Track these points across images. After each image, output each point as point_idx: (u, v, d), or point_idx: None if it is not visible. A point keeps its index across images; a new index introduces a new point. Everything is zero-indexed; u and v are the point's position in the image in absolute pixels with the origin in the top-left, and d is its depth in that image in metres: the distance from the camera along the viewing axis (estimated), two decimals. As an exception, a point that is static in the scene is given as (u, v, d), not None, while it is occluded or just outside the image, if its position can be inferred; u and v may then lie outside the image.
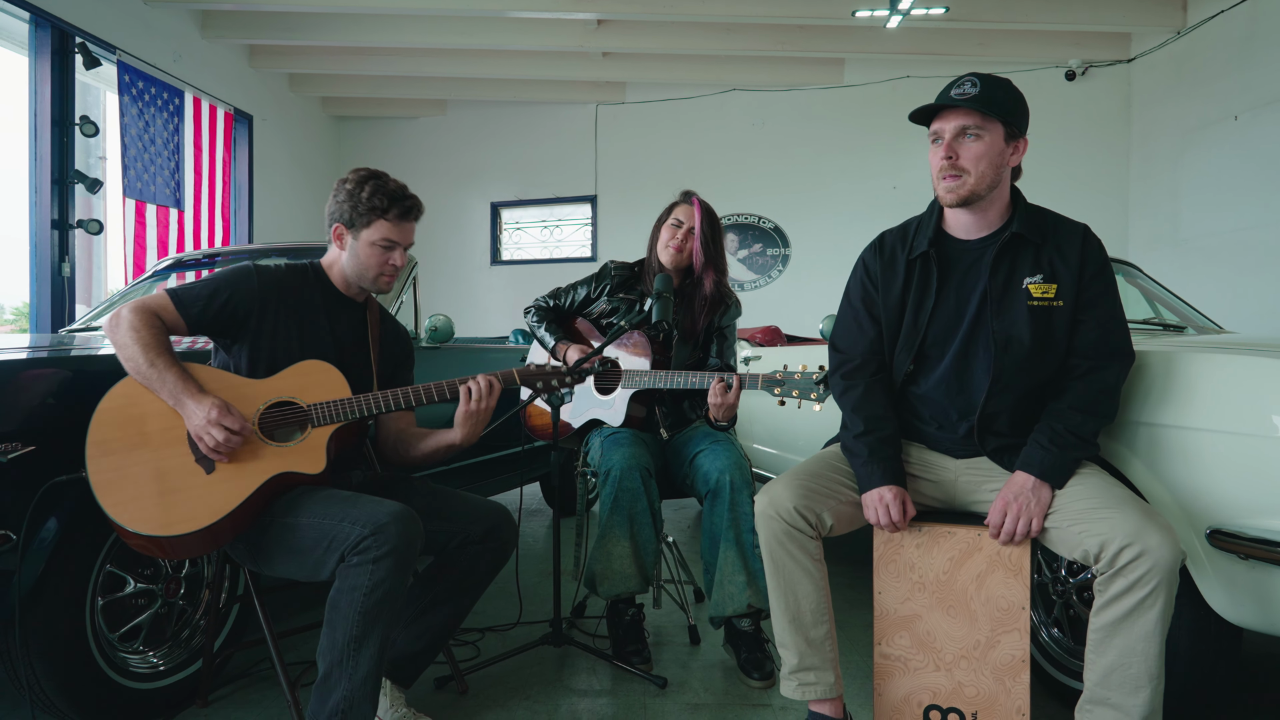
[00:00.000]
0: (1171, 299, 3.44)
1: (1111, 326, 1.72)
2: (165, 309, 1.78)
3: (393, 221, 1.91)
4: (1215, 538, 1.64)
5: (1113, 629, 1.55)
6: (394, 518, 1.64)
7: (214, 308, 1.81)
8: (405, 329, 2.19)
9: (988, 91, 1.67)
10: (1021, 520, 1.64)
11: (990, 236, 1.78)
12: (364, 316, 2.03)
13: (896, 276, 1.85)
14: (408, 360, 2.15)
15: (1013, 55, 6.13)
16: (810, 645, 1.75)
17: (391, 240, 1.92)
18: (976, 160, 1.69)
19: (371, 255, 1.92)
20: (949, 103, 1.69)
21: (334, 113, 7.98)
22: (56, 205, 4.65)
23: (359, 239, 1.91)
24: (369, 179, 1.90)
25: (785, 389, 2.15)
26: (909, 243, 1.86)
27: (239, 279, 1.85)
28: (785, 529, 1.72)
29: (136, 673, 1.97)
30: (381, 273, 1.94)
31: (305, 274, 1.97)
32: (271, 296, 1.87)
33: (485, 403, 1.91)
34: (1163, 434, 1.75)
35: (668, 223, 2.55)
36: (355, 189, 1.89)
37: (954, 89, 1.70)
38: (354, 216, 1.89)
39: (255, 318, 1.84)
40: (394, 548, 1.62)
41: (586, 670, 2.34)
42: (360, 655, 1.62)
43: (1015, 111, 1.70)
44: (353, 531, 1.63)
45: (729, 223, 7.13)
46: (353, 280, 1.97)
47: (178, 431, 1.72)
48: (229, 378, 1.81)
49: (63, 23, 4.67)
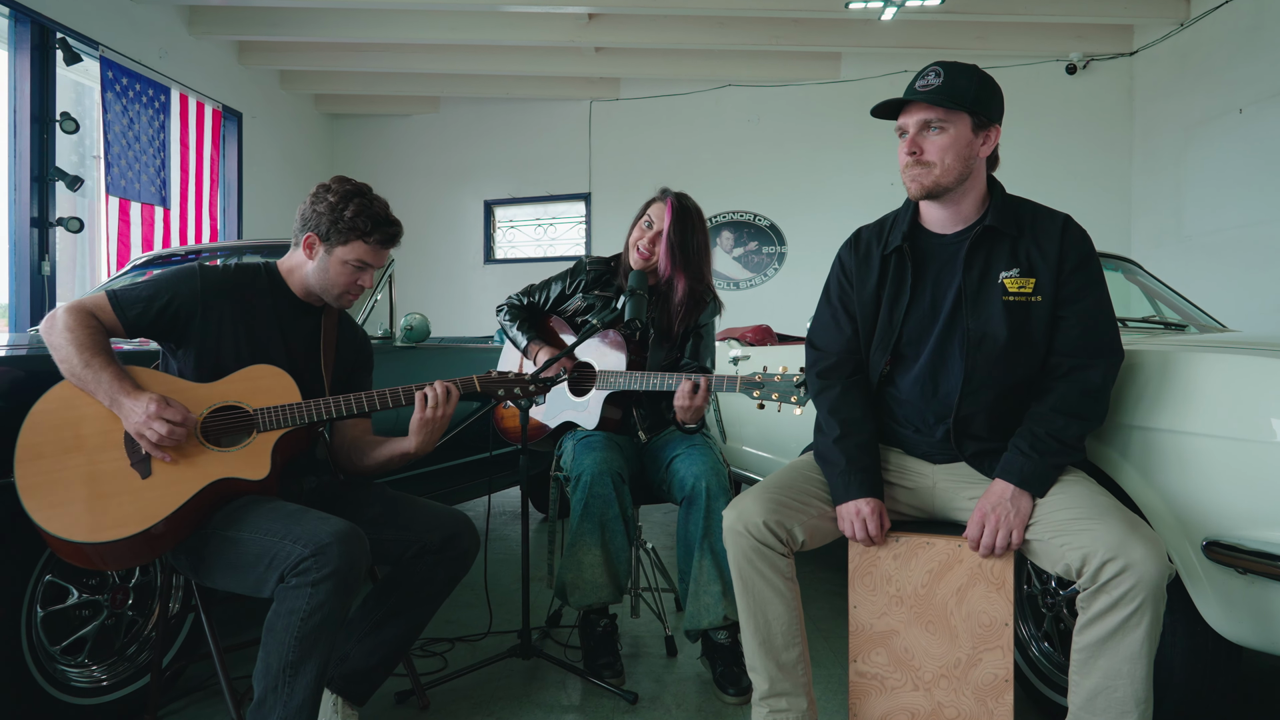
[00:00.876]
0: (1173, 296, 3.34)
1: (1096, 322, 1.62)
2: (102, 309, 1.69)
3: (372, 246, 1.83)
4: (1211, 550, 1.54)
5: (1096, 649, 1.46)
6: (336, 538, 1.55)
7: (154, 310, 1.72)
8: (365, 335, 2.10)
9: (951, 82, 1.60)
10: (1000, 532, 1.54)
11: (965, 230, 1.69)
12: (318, 323, 1.94)
13: (871, 272, 1.77)
14: (365, 367, 2.06)
15: (1012, 49, 6.02)
16: (781, 669, 1.65)
17: (366, 263, 1.84)
18: (941, 153, 1.61)
19: (342, 274, 1.84)
20: (911, 96, 1.62)
21: (327, 110, 7.90)
22: (36, 203, 4.57)
23: (332, 254, 1.82)
24: (354, 195, 1.81)
25: (764, 391, 2.06)
26: (884, 238, 1.78)
27: (181, 280, 1.77)
28: (754, 545, 1.61)
29: (77, 687, 1.88)
30: (347, 291, 1.86)
31: (257, 275, 1.87)
32: (217, 298, 1.78)
33: (442, 410, 1.82)
34: (1157, 439, 1.65)
35: (641, 221, 2.44)
36: (339, 203, 1.79)
37: (918, 80, 1.64)
38: (332, 231, 1.80)
39: (199, 320, 1.76)
40: (335, 570, 1.52)
41: (556, 684, 2.24)
42: (296, 682, 1.53)
43: (982, 100, 1.62)
44: (293, 551, 1.54)
45: (724, 220, 7.03)
46: (315, 291, 1.88)
47: (114, 435, 1.63)
48: (172, 381, 1.73)
49: (43, 18, 4.60)
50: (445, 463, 3.20)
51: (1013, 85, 6.30)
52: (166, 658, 2.06)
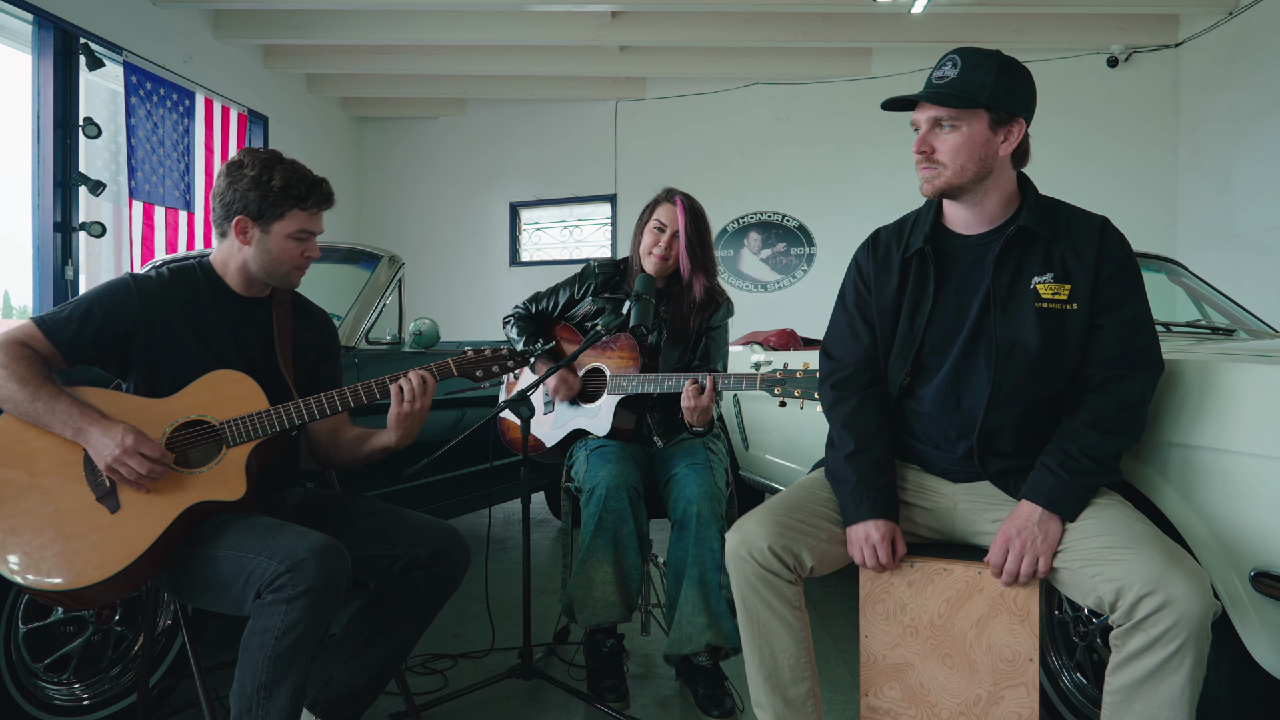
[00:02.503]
0: (1221, 300, 3.15)
1: (1134, 332, 1.49)
2: (34, 338, 1.58)
3: (310, 211, 1.73)
4: (1260, 581, 1.39)
5: (1132, 693, 1.32)
6: (313, 553, 1.46)
7: (90, 331, 1.61)
8: (325, 316, 1.97)
9: (968, 74, 1.46)
10: (1026, 559, 1.41)
11: (994, 231, 1.56)
12: (269, 316, 1.82)
13: (891, 277, 1.63)
14: (330, 352, 1.94)
15: (1050, 41, 5.80)
16: (789, 706, 1.52)
17: (309, 231, 1.73)
18: (954, 153, 1.48)
19: (286, 249, 1.72)
20: (921, 95, 1.50)
21: (354, 113, 7.91)
22: (59, 207, 4.60)
23: (270, 232, 1.71)
24: (274, 163, 1.70)
25: (786, 389, 1.98)
26: (905, 239, 1.64)
27: (114, 294, 1.65)
28: (759, 572, 1.50)
29: (58, 705, 1.82)
30: (296, 267, 1.76)
31: (194, 277, 1.76)
32: (157, 309, 1.67)
33: (420, 402, 1.73)
34: (1199, 457, 1.50)
35: (649, 225, 2.35)
36: (261, 175, 1.67)
37: (935, 71, 1.51)
38: (264, 207, 1.68)
39: (143, 334, 1.64)
40: (311, 586, 1.43)
41: (558, 706, 2.15)
42: (270, 705, 1.45)
43: (1001, 94, 1.47)
44: (269, 567, 1.46)
45: (751, 221, 6.89)
46: (259, 278, 1.77)
47: (72, 469, 1.54)
48: (126, 399, 1.63)
49: (66, 24, 4.62)
50: (447, 473, 3.13)
51: (1051, 80, 6.09)
52: (156, 675, 2.00)
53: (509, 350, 1.90)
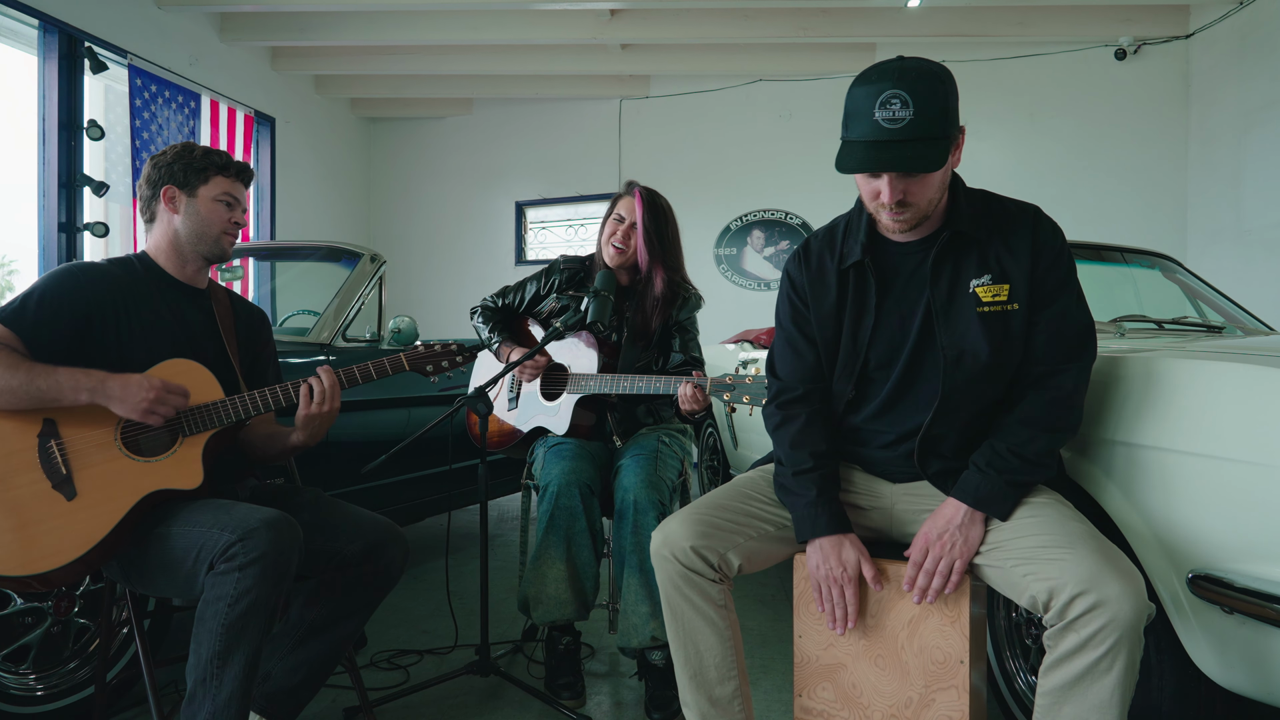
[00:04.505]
0: (1216, 296, 3.08)
1: (1069, 323, 1.45)
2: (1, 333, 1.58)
3: (231, 179, 1.80)
4: (1198, 584, 1.35)
5: (1063, 695, 1.29)
6: (265, 523, 1.49)
7: (47, 312, 1.60)
8: (260, 311, 2.01)
9: (923, 109, 1.32)
10: (943, 562, 1.38)
11: (930, 237, 1.50)
12: (210, 306, 1.85)
13: (828, 290, 1.57)
14: (268, 345, 1.98)
15: (1056, 34, 5.69)
16: (715, 705, 1.50)
17: (234, 196, 1.80)
18: (924, 191, 1.40)
19: (214, 212, 1.78)
20: (883, 165, 1.36)
21: (363, 114, 7.96)
22: (64, 208, 4.67)
23: (197, 196, 1.77)
24: (192, 146, 1.79)
25: (735, 394, 1.98)
26: (838, 249, 1.57)
27: (65, 279, 1.66)
28: (682, 571, 1.47)
29: (13, 694, 1.85)
30: (225, 230, 1.80)
31: (132, 266, 1.78)
32: (106, 293, 1.68)
33: (329, 405, 1.74)
34: (1141, 455, 1.47)
35: (611, 217, 2.37)
36: (183, 152, 1.77)
37: (880, 111, 1.33)
38: (189, 174, 1.76)
39: (99, 319, 1.66)
40: (262, 554, 1.46)
41: (515, 703, 2.14)
42: (224, 674, 1.46)
43: (953, 114, 1.38)
44: (220, 538, 1.48)
45: (754, 219, 6.85)
46: (191, 248, 1.79)
47: (25, 456, 1.55)
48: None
49: (71, 28, 4.69)
50: (411, 474, 3.14)
51: (1057, 74, 6.01)
52: (116, 668, 2.02)
53: (457, 346, 1.92)
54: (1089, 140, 5.86)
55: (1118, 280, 3.33)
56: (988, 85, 6.06)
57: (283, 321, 3.48)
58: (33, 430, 1.56)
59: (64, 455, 1.56)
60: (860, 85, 1.38)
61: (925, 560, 1.39)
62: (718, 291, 6.60)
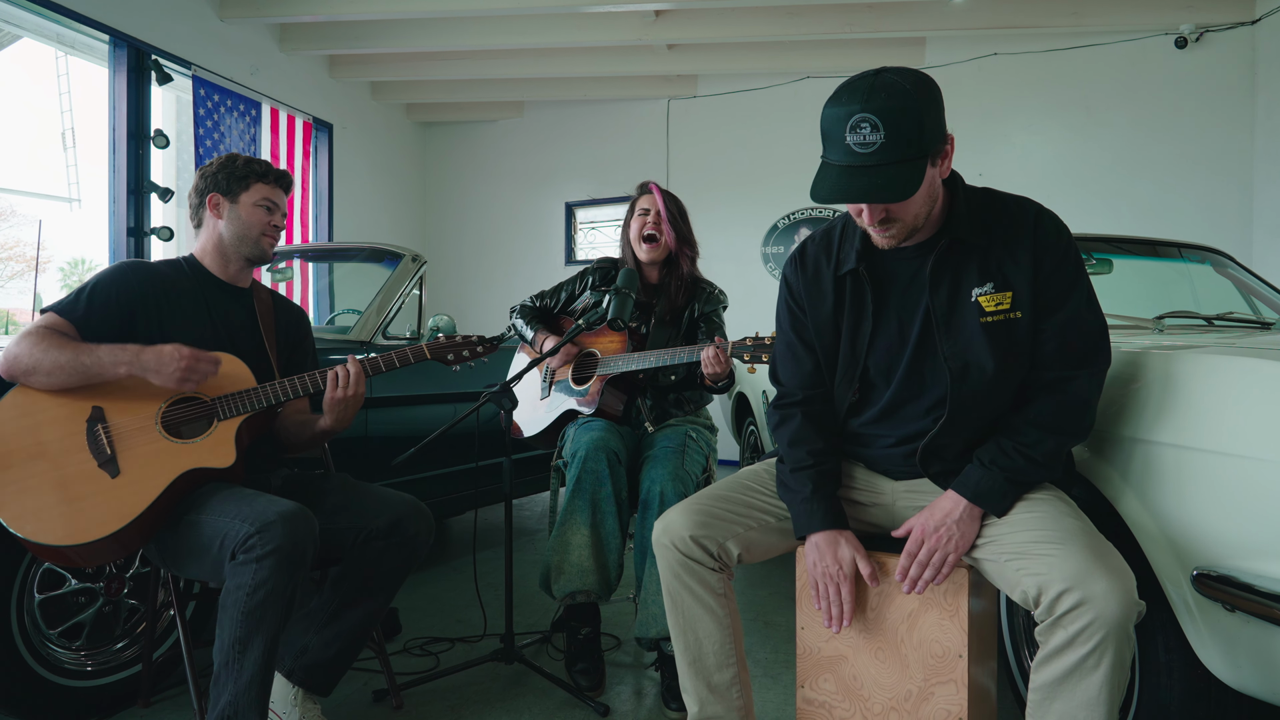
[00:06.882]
0: (1269, 292, 2.98)
1: (1080, 329, 1.42)
2: (54, 322, 1.74)
3: (271, 185, 1.96)
4: (1201, 582, 1.33)
5: (1052, 691, 1.28)
6: (281, 516, 1.59)
7: (98, 306, 1.77)
8: (299, 308, 2.16)
9: (893, 133, 1.27)
10: (936, 555, 1.38)
11: (928, 242, 1.47)
12: (251, 305, 2.01)
13: (824, 296, 1.56)
14: (305, 340, 2.12)
15: (1112, 23, 5.51)
16: (713, 692, 1.53)
17: (273, 202, 1.95)
18: (907, 207, 1.37)
19: (254, 215, 1.94)
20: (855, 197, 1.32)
21: (418, 119, 8.16)
22: (132, 214, 4.92)
23: (239, 202, 1.93)
24: (235, 157, 1.96)
25: (755, 355, 2.06)
26: (834, 255, 1.56)
27: (116, 275, 1.84)
28: (680, 560, 1.51)
29: (67, 669, 1.98)
30: (264, 233, 1.95)
31: (180, 267, 1.95)
32: (155, 291, 1.85)
33: (353, 389, 1.86)
34: (1159, 453, 1.44)
35: (634, 216, 2.48)
36: (226, 163, 1.95)
37: (851, 136, 1.28)
38: (231, 183, 1.93)
39: (143, 313, 1.82)
40: (277, 546, 1.55)
41: (536, 691, 2.20)
42: (244, 659, 1.57)
43: (931, 130, 1.32)
44: (241, 529, 1.59)
45: (802, 217, 6.81)
46: (233, 250, 1.95)
47: (76, 438, 1.69)
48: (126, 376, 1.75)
49: (139, 42, 4.94)
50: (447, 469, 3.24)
51: (1114, 64, 5.83)
52: (163, 648, 2.14)
53: (478, 337, 2.03)
54: (1148, 133, 5.66)
55: (1171, 276, 3.24)
56: (1041, 78, 5.91)
57: (331, 319, 3.61)
58: (82, 416, 1.71)
59: (109, 438, 1.70)
60: (832, 106, 1.33)
61: (920, 552, 1.40)
62: (765, 290, 6.57)
